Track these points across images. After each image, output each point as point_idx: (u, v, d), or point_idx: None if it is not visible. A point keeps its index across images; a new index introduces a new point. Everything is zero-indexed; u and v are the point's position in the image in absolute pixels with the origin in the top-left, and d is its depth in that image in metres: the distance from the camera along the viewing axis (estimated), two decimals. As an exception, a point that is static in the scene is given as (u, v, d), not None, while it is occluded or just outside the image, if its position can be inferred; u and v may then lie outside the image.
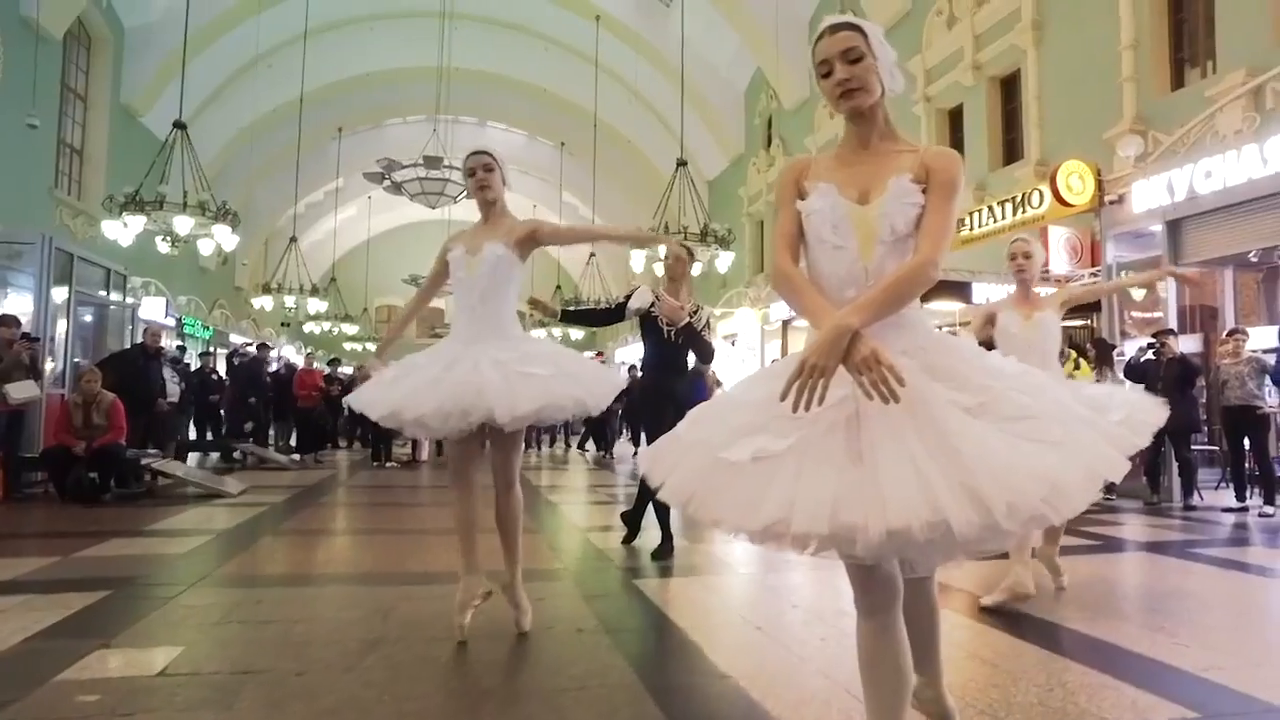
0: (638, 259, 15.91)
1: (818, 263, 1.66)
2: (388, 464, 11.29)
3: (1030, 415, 1.44)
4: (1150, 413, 3.23)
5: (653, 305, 4.58)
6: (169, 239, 14.04)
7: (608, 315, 4.86)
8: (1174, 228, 7.64)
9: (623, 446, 15.26)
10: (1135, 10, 10.53)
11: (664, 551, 4.52)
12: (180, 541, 4.84)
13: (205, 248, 15.11)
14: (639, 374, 5.13)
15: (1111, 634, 3.00)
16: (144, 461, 7.18)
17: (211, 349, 15.25)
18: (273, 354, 12.84)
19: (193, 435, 11.70)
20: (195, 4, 15.08)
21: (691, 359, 4.91)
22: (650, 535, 4.78)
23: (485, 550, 3.01)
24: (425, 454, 12.05)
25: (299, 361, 13.60)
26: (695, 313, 4.66)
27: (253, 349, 13.04)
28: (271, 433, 13.06)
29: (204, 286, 23.39)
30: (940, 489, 1.31)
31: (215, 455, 11.20)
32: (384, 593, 3.59)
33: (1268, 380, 6.73)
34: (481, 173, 2.97)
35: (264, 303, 21.78)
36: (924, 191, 1.59)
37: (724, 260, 15.14)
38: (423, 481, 9.56)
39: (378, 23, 23.79)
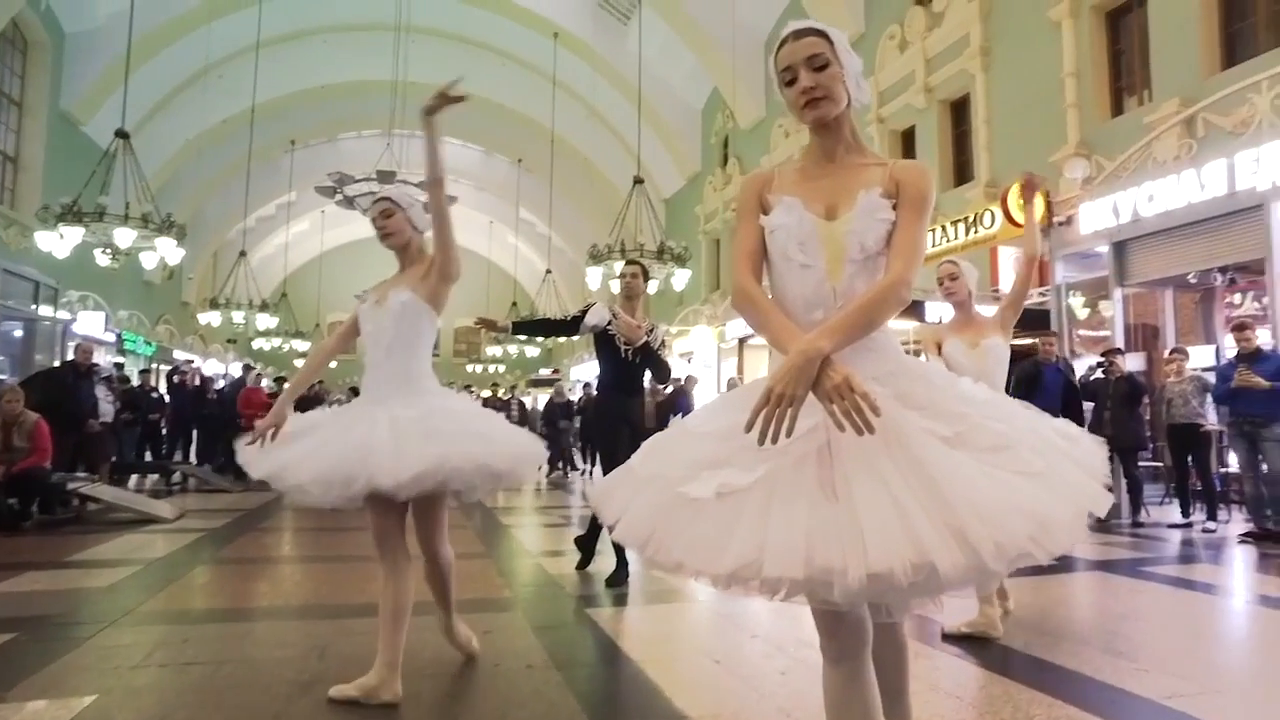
0: (594, 276, 15.82)
1: (782, 282, 1.56)
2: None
3: (1009, 445, 1.36)
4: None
5: (609, 324, 4.49)
6: (109, 252, 13.52)
7: (561, 327, 4.74)
8: (1119, 249, 7.82)
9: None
10: (1077, 40, 10.89)
11: (618, 578, 4.39)
12: (104, 573, 4.55)
13: (148, 261, 14.63)
14: (594, 392, 5.02)
15: (1075, 661, 2.96)
16: (70, 486, 6.80)
17: (153, 366, 14.73)
18: (252, 374, 12.30)
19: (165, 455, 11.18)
20: (141, 11, 14.71)
21: (648, 378, 4.83)
22: (605, 560, 4.65)
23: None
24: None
25: (250, 379, 13.06)
26: (651, 331, 4.58)
27: (229, 370, 12.46)
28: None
29: (148, 301, 22.66)
30: (924, 528, 1.21)
31: (154, 477, 10.76)
32: (321, 627, 3.39)
33: (1209, 398, 6.89)
34: (380, 220, 2.74)
35: (211, 318, 21.13)
36: (894, 207, 1.50)
37: (680, 278, 15.13)
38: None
39: (332, 35, 23.47)
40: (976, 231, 9.94)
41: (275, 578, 4.83)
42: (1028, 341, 7.80)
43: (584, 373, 23.38)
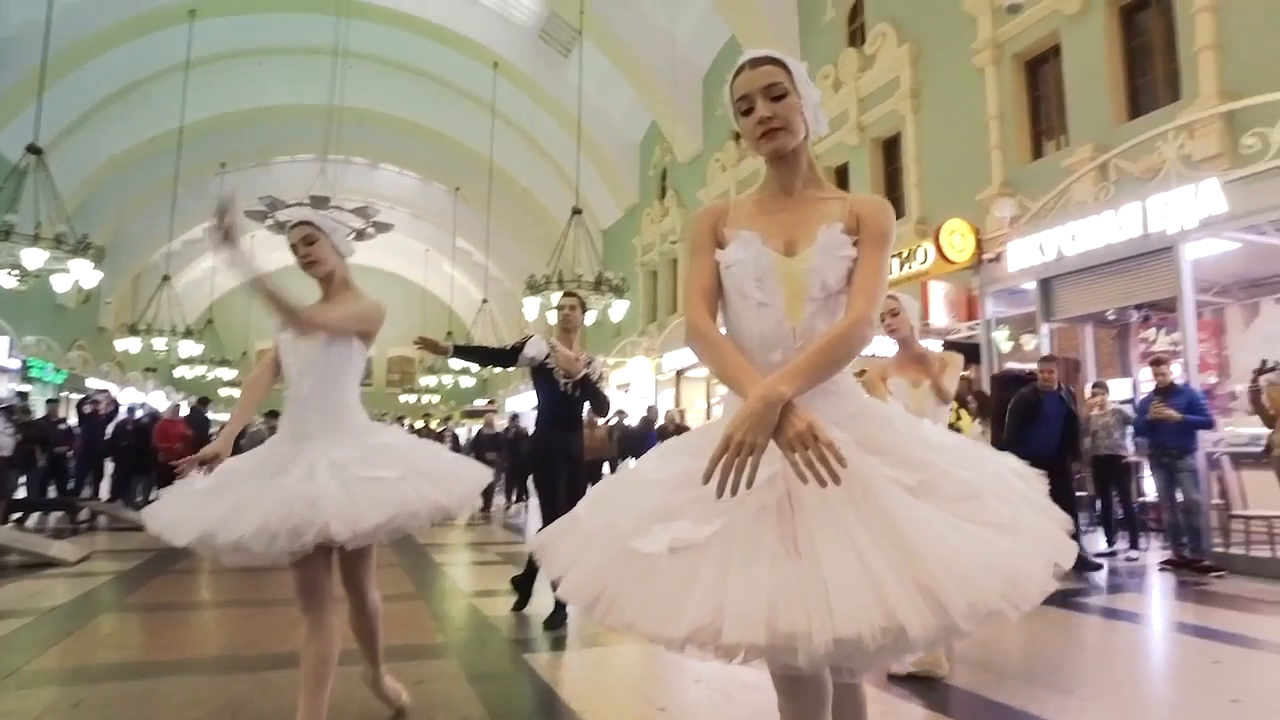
0: (531, 306, 15.68)
1: (739, 320, 1.48)
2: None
3: (976, 495, 1.30)
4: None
5: (547, 357, 4.39)
6: (16, 273, 12.79)
7: (501, 357, 4.58)
8: (1045, 285, 8.11)
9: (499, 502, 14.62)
10: (999, 85, 11.41)
11: (556, 621, 4.23)
12: None
13: (61, 284, 13.89)
14: (521, 424, 4.85)
15: (1021, 699, 2.96)
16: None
17: (62, 395, 13.92)
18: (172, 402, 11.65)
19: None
20: (62, 22, 14.11)
21: (587, 410, 4.74)
22: (542, 599, 4.48)
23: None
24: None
25: (166, 411, 12.40)
26: (589, 364, 4.50)
27: (148, 399, 11.68)
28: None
29: (60, 326, 21.53)
30: (893, 589, 1.15)
31: (59, 515, 10.06)
32: (236, 683, 3.15)
33: (1129, 430, 7.14)
34: (302, 246, 2.50)
35: (130, 344, 20.13)
36: (855, 243, 1.45)
37: (618, 309, 15.10)
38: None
39: (267, 58, 23.00)
40: (910, 267, 10.20)
41: (188, 626, 4.51)
42: (1028, 367, 7.88)
43: (520, 403, 23.10)
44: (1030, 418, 6.35)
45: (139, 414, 12.50)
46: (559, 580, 1.35)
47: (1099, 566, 6.36)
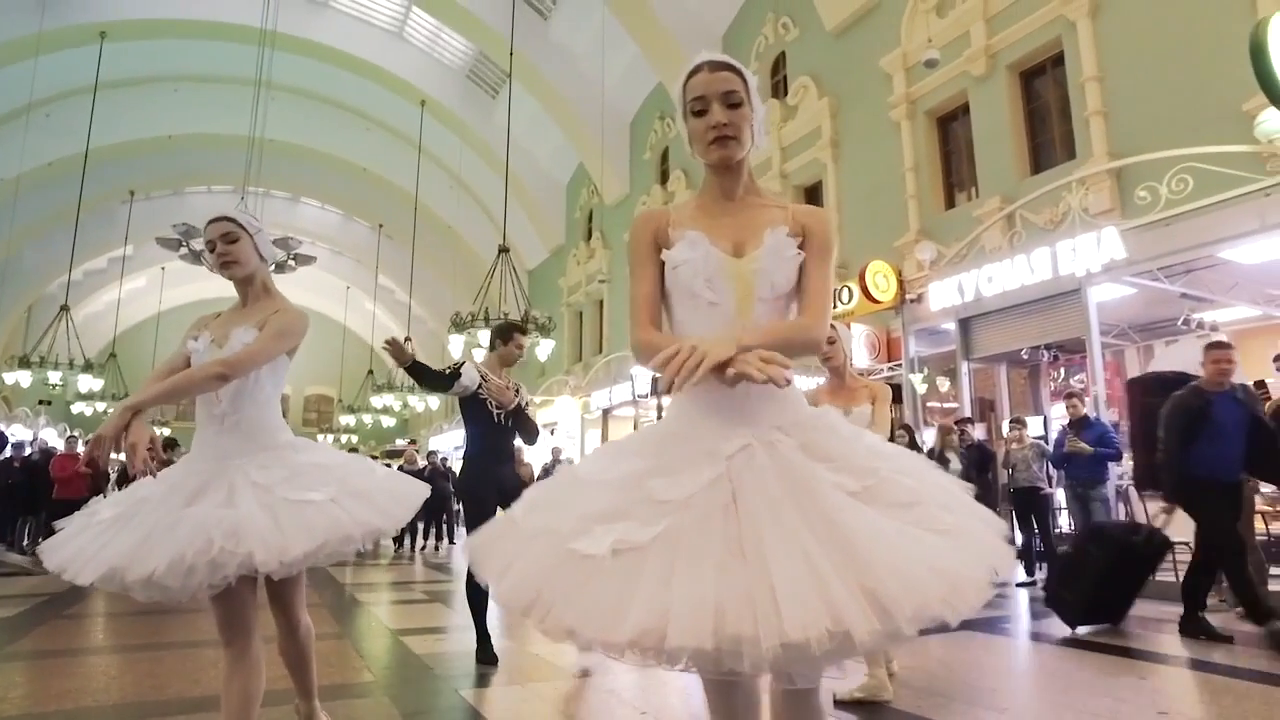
0: (456, 344, 15.43)
1: (689, 320, 1.47)
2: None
3: (919, 501, 1.31)
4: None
5: (480, 387, 4.29)
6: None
7: (440, 379, 4.44)
8: (965, 325, 8.48)
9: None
10: (914, 138, 12.04)
11: (486, 657, 4.06)
12: None
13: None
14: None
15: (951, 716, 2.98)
16: None
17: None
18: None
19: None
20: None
21: (518, 442, 4.65)
22: (467, 637, 4.30)
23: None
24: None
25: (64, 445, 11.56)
26: (518, 391, 4.44)
27: (37, 435, 10.77)
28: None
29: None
30: (839, 593, 1.13)
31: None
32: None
33: (1047, 463, 7.47)
34: (221, 244, 2.26)
35: (20, 377, 18.80)
36: (800, 248, 1.48)
37: (544, 348, 15.03)
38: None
39: (183, 84, 22.34)
40: (835, 307, 10.49)
41: (84, 673, 4.14)
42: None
43: (442, 443, 22.58)
44: (1195, 430, 4.69)
45: (27, 450, 11.62)
46: (497, 585, 1.28)
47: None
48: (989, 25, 11.10)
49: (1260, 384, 6.02)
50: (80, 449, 10.59)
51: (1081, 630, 5.03)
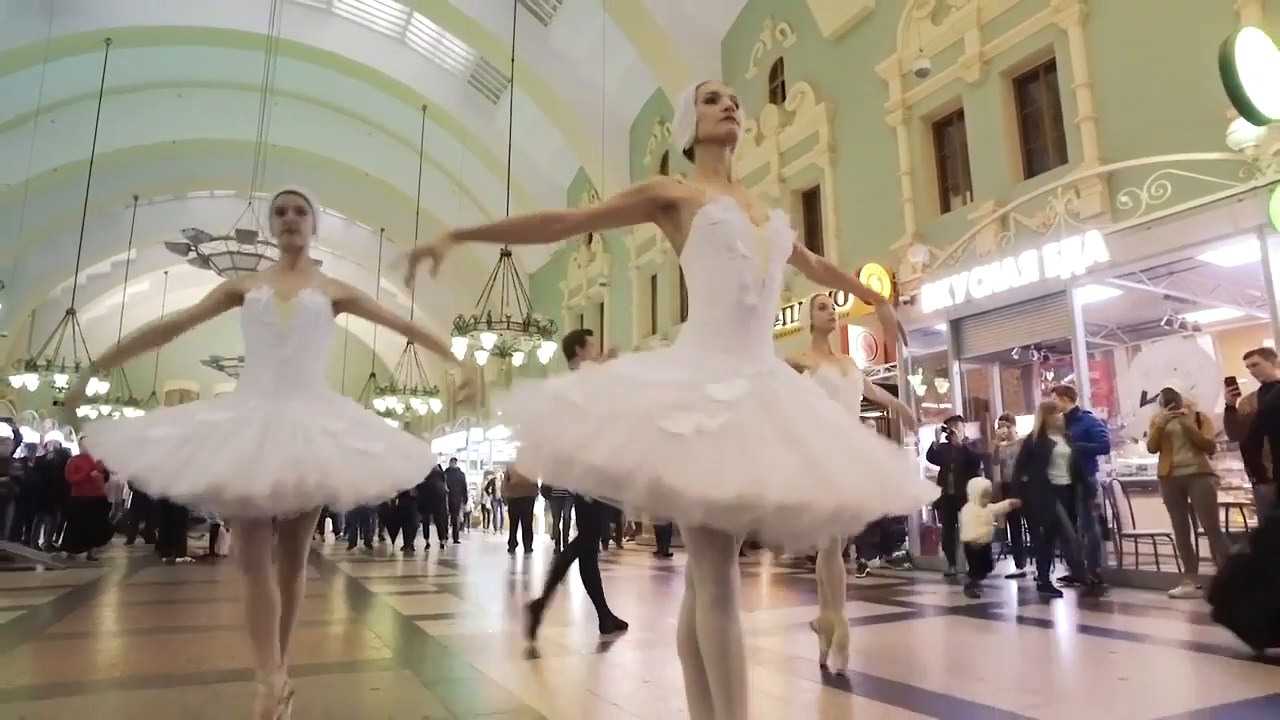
0: (459, 346, 15.64)
1: (723, 270, 1.81)
2: (179, 559, 9.88)
3: (869, 434, 1.82)
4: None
5: None
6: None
7: None
8: (956, 326, 8.71)
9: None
10: (909, 143, 12.25)
11: (610, 626, 4.40)
12: None
13: (-44, 316, 13.17)
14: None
15: (943, 686, 3.24)
16: None
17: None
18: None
19: None
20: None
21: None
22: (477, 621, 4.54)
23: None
24: (226, 547, 10.81)
25: (71, 447, 11.81)
26: None
27: (44, 438, 10.94)
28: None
29: (-51, 362, 20.28)
30: (862, 476, 1.58)
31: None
32: (188, 694, 3.13)
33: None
34: (292, 214, 2.63)
35: (27, 381, 19.00)
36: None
37: (545, 351, 15.24)
38: (229, 576, 8.49)
39: (187, 90, 22.56)
40: (831, 308, 10.72)
41: (124, 649, 4.37)
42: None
43: (445, 445, 22.83)
44: None
45: (40, 451, 11.87)
46: (590, 454, 1.51)
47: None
48: (982, 32, 11.30)
49: (1231, 380, 6.27)
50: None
51: (1061, 614, 5.26)
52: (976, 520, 6.41)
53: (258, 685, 2.34)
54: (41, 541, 10.56)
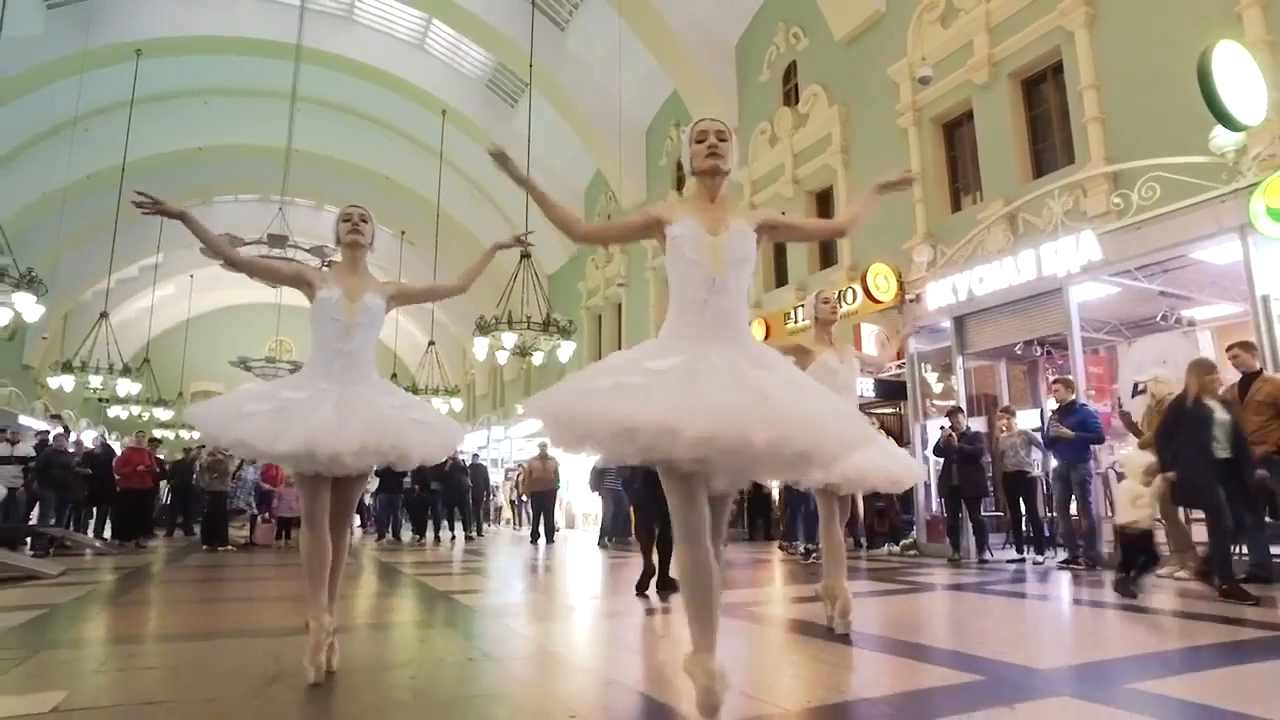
0: (480, 347, 16.06)
1: (682, 274, 2.32)
2: (220, 547, 10.47)
3: (823, 393, 2.25)
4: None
5: None
6: (-48, 307, 12.70)
7: None
8: (960, 322, 9.03)
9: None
10: (920, 145, 12.53)
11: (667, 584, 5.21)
12: (8, 616, 4.40)
13: (1, 317, 13.77)
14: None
15: (949, 643, 3.63)
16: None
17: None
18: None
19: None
20: (5, 54, 14.13)
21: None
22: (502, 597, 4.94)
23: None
24: (261, 536, 11.38)
25: (114, 443, 12.50)
26: None
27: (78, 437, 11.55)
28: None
29: (-13, 363, 21.01)
30: (798, 420, 2.01)
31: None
32: (265, 643, 3.57)
33: (1035, 449, 8.03)
34: (357, 219, 3.18)
35: (63, 382, 19.68)
36: (758, 233, 2.42)
37: (565, 350, 15.60)
38: (273, 561, 9.02)
39: (213, 98, 23.17)
40: (840, 307, 11.03)
41: (202, 613, 4.86)
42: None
43: (465, 442, 23.25)
44: None
45: (88, 446, 12.52)
46: (634, 416, 1.96)
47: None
48: (991, 35, 11.54)
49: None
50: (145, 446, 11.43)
51: (1059, 591, 5.59)
52: (1135, 501, 5.13)
53: (310, 621, 2.78)
54: (90, 530, 11.14)
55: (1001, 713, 2.21)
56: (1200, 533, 5.76)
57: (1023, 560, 7.81)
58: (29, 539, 9.14)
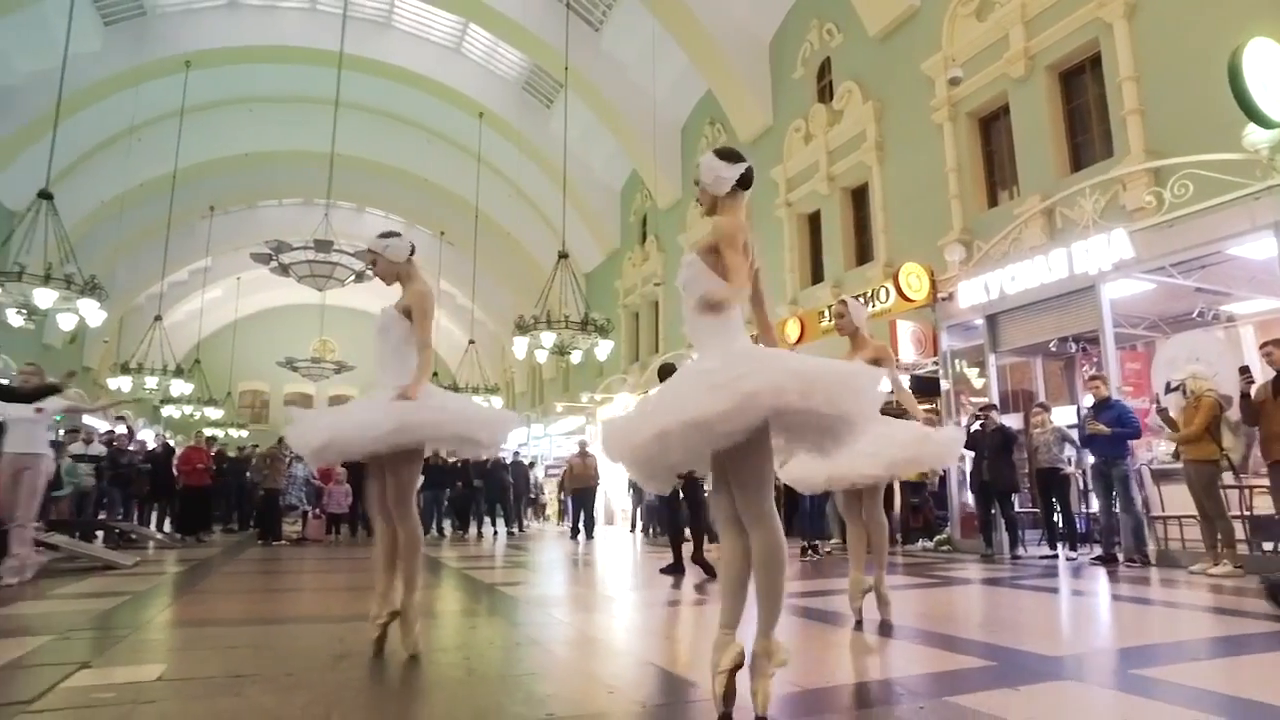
0: (520, 346, 16.39)
1: None
2: (274, 542, 10.96)
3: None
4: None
5: None
6: (24, 312, 13.36)
7: None
8: (992, 321, 9.08)
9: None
10: (956, 140, 12.45)
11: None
12: (98, 601, 4.81)
13: (66, 323, 14.46)
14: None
15: (980, 634, 3.78)
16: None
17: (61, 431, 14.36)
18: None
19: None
20: (66, 71, 14.76)
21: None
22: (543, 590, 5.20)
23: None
24: (313, 531, 11.88)
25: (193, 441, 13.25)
26: None
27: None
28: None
29: (48, 365, 21.72)
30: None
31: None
32: (334, 628, 3.88)
33: (1068, 446, 8.07)
34: (370, 269, 3.76)
35: (122, 383, 20.58)
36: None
37: (603, 349, 15.84)
38: (325, 555, 9.47)
39: (258, 105, 23.87)
40: (874, 306, 11.14)
41: (265, 600, 5.23)
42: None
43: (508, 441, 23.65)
44: None
45: (149, 445, 13.21)
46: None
47: None
48: (1027, 28, 11.38)
49: (1245, 369, 6.55)
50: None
51: (1096, 586, 5.68)
52: None
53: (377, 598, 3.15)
54: (152, 524, 11.75)
55: (1006, 694, 2.38)
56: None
57: (1055, 556, 7.86)
58: (101, 532, 9.68)
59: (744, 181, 2.65)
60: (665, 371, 6.41)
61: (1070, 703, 2.36)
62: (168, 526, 12.00)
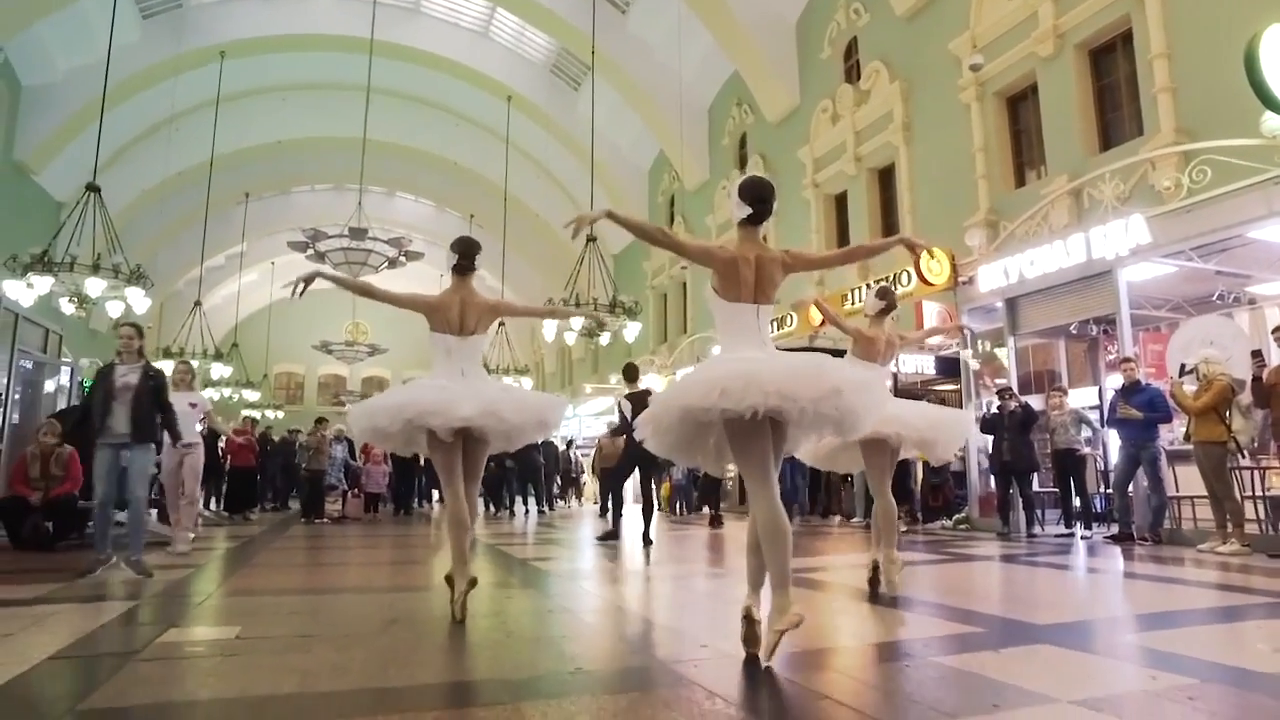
0: (550, 328, 16.66)
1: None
2: (317, 520, 11.50)
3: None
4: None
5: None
6: (75, 300, 13.94)
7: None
8: (1012, 304, 9.19)
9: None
10: (983, 119, 12.43)
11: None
12: (168, 572, 5.16)
13: (114, 310, 15.06)
14: None
15: (996, 609, 4.01)
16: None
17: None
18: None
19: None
20: (102, 68, 15.23)
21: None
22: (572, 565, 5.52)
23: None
24: (351, 510, 12.43)
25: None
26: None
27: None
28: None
29: (97, 350, 22.63)
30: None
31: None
32: (382, 597, 4.26)
33: (1085, 427, 8.20)
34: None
35: (165, 367, 21.21)
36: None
37: (631, 330, 16.06)
38: (366, 532, 9.91)
39: (291, 93, 24.30)
40: (897, 289, 11.25)
41: (316, 573, 5.66)
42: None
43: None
44: None
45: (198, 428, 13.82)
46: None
47: None
48: (1057, 5, 11.22)
49: (1257, 353, 6.62)
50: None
51: (1110, 564, 5.88)
52: None
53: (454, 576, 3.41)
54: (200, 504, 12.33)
55: (986, 655, 2.64)
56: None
57: (1071, 535, 8.03)
58: (156, 509, 10.21)
59: (752, 219, 2.89)
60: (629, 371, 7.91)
61: (1041, 662, 2.59)
62: (213, 505, 12.56)
